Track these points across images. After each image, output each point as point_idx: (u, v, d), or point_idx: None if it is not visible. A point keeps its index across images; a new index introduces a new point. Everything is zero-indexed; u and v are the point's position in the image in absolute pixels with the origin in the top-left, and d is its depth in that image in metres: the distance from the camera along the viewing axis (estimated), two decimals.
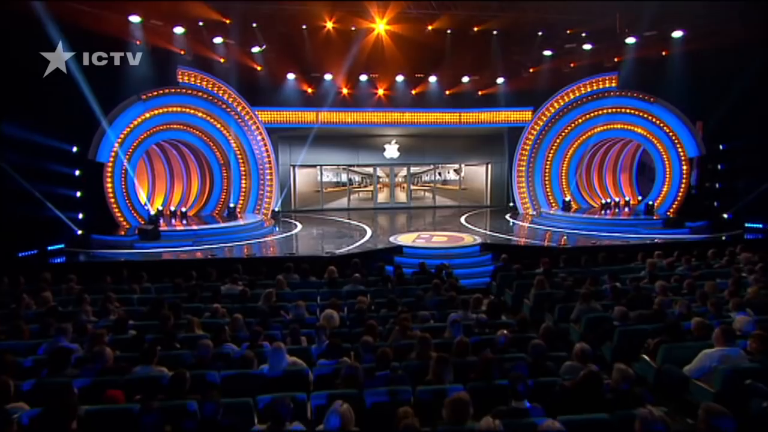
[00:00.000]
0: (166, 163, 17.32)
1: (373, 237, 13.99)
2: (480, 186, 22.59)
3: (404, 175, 22.44)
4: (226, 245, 12.79)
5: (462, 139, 21.39)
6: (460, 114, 19.85)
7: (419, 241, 12.99)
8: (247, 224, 14.94)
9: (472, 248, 12.47)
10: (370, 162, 21.50)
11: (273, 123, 18.32)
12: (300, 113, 18.68)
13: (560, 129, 18.17)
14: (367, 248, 12.25)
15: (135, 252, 11.91)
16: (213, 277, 9.25)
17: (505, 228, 16.13)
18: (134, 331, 6.05)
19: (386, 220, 19.04)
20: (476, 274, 11.48)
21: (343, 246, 12.46)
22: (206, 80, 15.78)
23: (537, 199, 18.88)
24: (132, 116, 13.86)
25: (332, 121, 18.87)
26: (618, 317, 6.13)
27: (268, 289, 7.76)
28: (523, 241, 13.48)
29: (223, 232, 13.93)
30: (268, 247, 13.17)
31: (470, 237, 13.45)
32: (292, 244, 13.16)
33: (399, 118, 19.51)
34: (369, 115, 19.25)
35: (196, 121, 15.89)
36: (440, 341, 5.57)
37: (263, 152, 17.53)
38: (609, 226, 14.77)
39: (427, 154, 21.71)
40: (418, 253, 12.21)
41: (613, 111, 16.89)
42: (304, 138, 19.13)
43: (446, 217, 19.08)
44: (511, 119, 19.79)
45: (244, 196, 17.37)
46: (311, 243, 13.37)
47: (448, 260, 11.83)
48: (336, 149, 20.73)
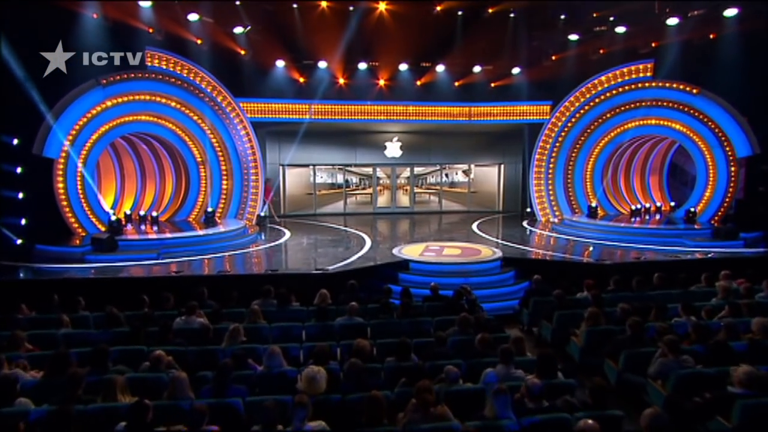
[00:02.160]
0: (136, 160, 15.49)
1: (374, 248, 12.18)
2: (491, 189, 20.91)
3: (407, 177, 20.74)
4: (199, 258, 10.96)
5: (472, 136, 19.74)
6: (470, 108, 18.12)
7: (428, 255, 11.20)
8: (227, 232, 13.12)
9: (491, 264, 10.67)
10: (369, 161, 19.84)
11: (259, 116, 16.59)
12: (290, 106, 16.97)
13: (585, 125, 16.44)
14: (367, 263, 10.45)
15: (85, 267, 10.06)
16: (170, 303, 7.42)
17: (523, 237, 14.43)
18: (25, 399, 4.22)
19: (387, 227, 17.25)
20: (497, 297, 9.74)
21: (338, 260, 10.65)
22: (180, 64, 13.96)
23: (558, 204, 17.13)
24: (89, 104, 12.04)
25: (327, 115, 17.21)
26: (742, 381, 4.28)
27: (234, 325, 5.94)
28: (550, 255, 11.68)
29: (197, 242, 12.10)
30: (249, 260, 11.34)
31: (488, 249, 11.67)
32: (277, 257, 11.32)
33: (402, 113, 17.81)
34: (368, 108, 17.56)
35: (169, 112, 14.07)
36: (480, 426, 3.75)
37: (247, 149, 15.76)
38: (646, 236, 13.01)
39: (433, 153, 20.05)
40: (427, 269, 10.44)
41: (647, 104, 15.16)
42: (295, 134, 17.44)
43: (455, 224, 17.32)
44: (528, 114, 18.09)
45: (225, 199, 15.57)
46: (300, 255, 11.54)
47: (465, 278, 10.08)
48: (331, 147, 19.09)
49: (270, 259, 11.16)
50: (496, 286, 10.11)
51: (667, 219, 15.55)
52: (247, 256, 11.63)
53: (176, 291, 7.92)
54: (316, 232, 15.16)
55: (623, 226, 14.01)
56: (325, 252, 11.89)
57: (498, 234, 14.72)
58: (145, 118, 13.71)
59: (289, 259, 10.90)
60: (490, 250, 11.54)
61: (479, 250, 11.61)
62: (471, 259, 10.75)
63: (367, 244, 12.73)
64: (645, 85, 14.97)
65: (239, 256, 11.50)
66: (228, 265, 10.52)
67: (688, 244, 12.19)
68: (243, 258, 11.41)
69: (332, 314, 7.04)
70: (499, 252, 11.31)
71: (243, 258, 11.41)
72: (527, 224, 16.56)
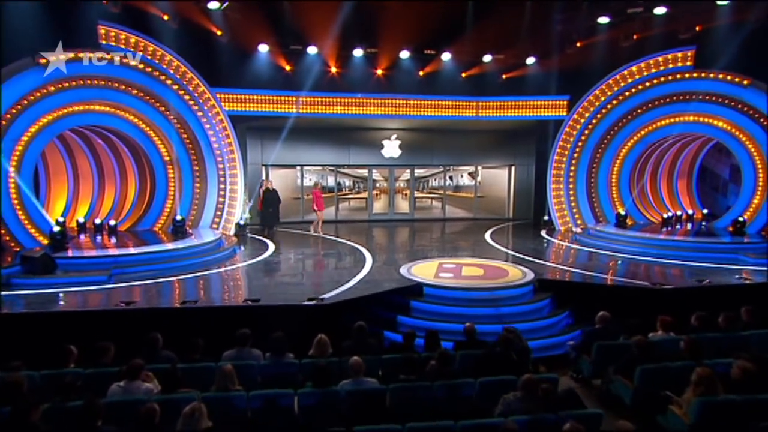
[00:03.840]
0: (92, 159, 13.43)
1: (376, 266, 10.31)
2: (500, 194, 19.31)
3: (407, 180, 18.97)
4: (162, 280, 8.97)
5: (480, 134, 18.09)
6: (478, 103, 16.45)
7: (444, 276, 9.39)
8: (199, 245, 11.13)
9: (523, 289, 8.88)
10: (364, 162, 18.11)
11: (238, 109, 14.67)
12: (275, 98, 15.04)
13: (613, 122, 14.82)
14: (371, 289, 8.57)
15: (10, 294, 7.98)
16: (110, 355, 5.46)
17: (544, 250, 12.74)
18: None
19: (385, 236, 15.41)
20: (533, 333, 7.91)
21: (334, 283, 8.74)
22: (143, 44, 11.95)
23: (580, 211, 15.49)
24: (24, 87, 9.98)
25: (317, 108, 15.38)
26: None
27: (192, 406, 4.03)
28: (588, 276, 9.91)
29: (160, 258, 10.09)
30: (225, 283, 9.37)
31: (515, 269, 9.90)
32: (259, 279, 9.36)
33: (402, 107, 16.06)
34: (364, 102, 15.77)
35: (130, 101, 12.06)
36: None
37: (225, 147, 13.80)
38: (692, 251, 11.30)
39: (436, 153, 18.34)
40: (444, 296, 8.65)
41: (685, 98, 13.54)
42: (280, 130, 15.59)
43: (462, 234, 15.59)
44: (544, 110, 16.52)
45: (197, 205, 13.58)
46: (287, 277, 9.60)
47: (495, 309, 8.31)
48: (321, 145, 17.32)
49: (250, 282, 9.20)
50: (530, 319, 8.31)
51: (707, 229, 13.99)
52: (223, 277, 9.65)
53: (122, 333, 5.99)
54: (304, 244, 13.23)
55: (663, 239, 12.32)
56: (317, 272, 9.97)
57: (511, 245, 13.01)
58: (100, 108, 11.67)
59: (274, 283, 8.96)
60: (518, 270, 9.76)
61: (506, 270, 9.82)
62: (499, 283, 8.94)
63: (368, 261, 10.84)
64: (684, 76, 13.36)
65: (213, 277, 9.52)
66: (199, 292, 8.57)
67: (747, 261, 10.54)
68: (217, 280, 9.44)
69: (335, 372, 5.15)
70: (529, 272, 9.53)
71: (217, 280, 9.44)
72: (546, 234, 14.89)
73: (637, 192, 15.07)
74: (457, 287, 8.74)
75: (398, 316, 8.33)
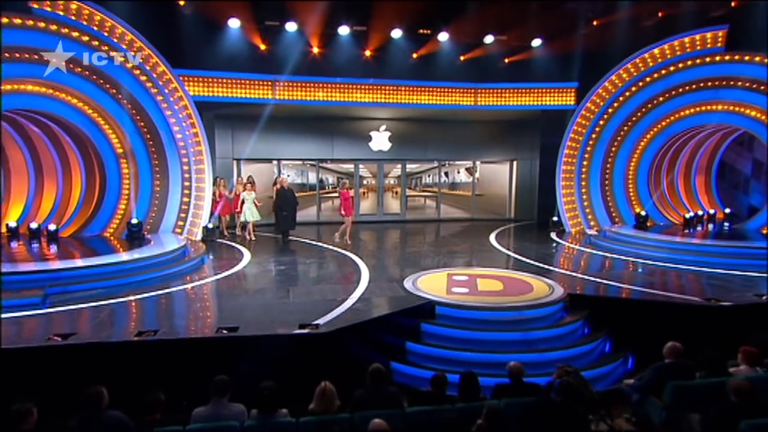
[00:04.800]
0: (27, 151, 11.87)
1: (375, 279, 9.13)
2: (501, 192, 18.48)
3: (397, 176, 17.92)
4: (112, 301, 7.58)
5: (479, 126, 17.36)
6: (478, 90, 15.62)
7: (457, 291, 8.28)
8: (159, 255, 9.71)
9: (554, 307, 7.83)
10: (349, 156, 17.15)
11: (206, 95, 13.48)
12: (248, 82, 13.94)
13: (631, 111, 13.98)
14: (374, 310, 7.39)
15: None
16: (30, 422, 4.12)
17: (559, 256, 11.76)
18: None
19: (375, 240, 14.24)
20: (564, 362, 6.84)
21: (327, 303, 7.53)
22: (88, 12, 10.45)
23: (593, 211, 14.63)
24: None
25: (296, 95, 14.37)
26: None
27: None
28: (626, 289, 8.92)
29: (111, 273, 8.67)
30: (191, 304, 8.03)
31: (538, 281, 8.86)
32: (234, 298, 8.04)
33: (393, 94, 15.16)
34: (350, 88, 14.80)
35: (73, 82, 10.57)
36: None
37: (190, 138, 12.46)
38: (732, 258, 10.42)
39: (430, 147, 17.49)
40: (461, 317, 7.56)
41: (715, 85, 12.75)
42: (254, 119, 14.54)
43: (462, 237, 14.52)
44: (550, 99, 15.85)
45: (157, 206, 12.17)
46: (268, 294, 8.30)
47: (523, 334, 7.28)
48: (301, 137, 16.32)
49: (223, 303, 7.89)
50: (565, 345, 7.28)
51: (731, 231, 13.34)
52: (189, 296, 8.31)
53: (52, 384, 4.67)
54: (283, 251, 11.94)
55: (698, 243, 11.44)
56: (305, 288, 8.73)
57: (521, 250, 11.95)
58: (34, 88, 10.15)
59: (253, 304, 7.67)
60: (542, 283, 8.72)
61: (528, 284, 8.75)
62: (525, 300, 7.86)
63: (363, 272, 9.65)
64: (715, 60, 12.56)
65: (177, 297, 8.17)
66: (161, 318, 7.23)
67: None
68: (183, 301, 8.10)
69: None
70: (557, 286, 8.50)
71: (183, 301, 8.10)
72: (556, 237, 14.01)
73: (663, 189, 14.26)
74: (475, 306, 7.62)
75: (407, 342, 7.25)
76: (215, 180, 13.27)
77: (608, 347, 7.72)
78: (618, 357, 7.30)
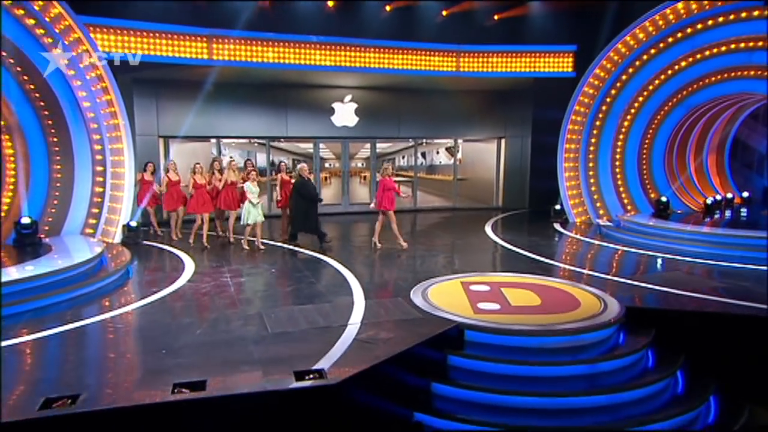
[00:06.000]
0: None
1: (369, 291, 7.34)
2: (487, 175, 17.34)
3: (366, 158, 16.28)
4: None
5: (462, 97, 16.22)
6: (460, 54, 14.53)
7: (485, 307, 6.65)
8: (64, 270, 7.41)
9: (610, 329, 6.32)
10: (307, 133, 15.56)
11: (122, 52, 11.41)
12: (177, 36, 12.27)
13: (647, 79, 12.79)
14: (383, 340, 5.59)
15: None
16: None
17: (576, 252, 10.54)
18: None
19: (346, 237, 12.39)
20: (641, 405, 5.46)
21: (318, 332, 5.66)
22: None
23: (602, 197, 13.48)
24: None
25: (241, 55, 12.90)
26: None
27: None
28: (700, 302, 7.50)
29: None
30: (117, 348, 5.85)
31: (580, 291, 7.34)
32: (183, 330, 5.93)
33: (360, 57, 13.93)
34: (308, 49, 13.42)
35: None
36: None
37: (101, 108, 10.25)
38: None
39: (405, 122, 16.18)
40: (499, 343, 5.96)
41: (748, 46, 11.67)
42: (187, 87, 12.87)
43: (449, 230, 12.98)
44: (545, 65, 14.96)
45: (59, 198, 9.91)
46: (233, 325, 6.24)
47: (585, 367, 5.80)
48: (248, 109, 14.70)
49: (168, 340, 5.75)
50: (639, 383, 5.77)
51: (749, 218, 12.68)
52: (114, 331, 6.14)
53: None
54: (235, 256, 9.86)
55: (742, 236, 10.30)
56: (282, 310, 6.74)
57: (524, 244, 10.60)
58: None
59: (216, 339, 5.62)
60: (588, 294, 7.18)
61: (570, 294, 7.21)
62: (577, 319, 6.28)
63: (351, 281, 7.82)
64: (752, 15, 11.44)
65: (93, 333, 5.97)
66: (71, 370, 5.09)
67: None
68: (103, 340, 5.93)
69: None
70: (608, 297, 6.99)
71: (103, 340, 5.93)
72: (561, 227, 12.90)
73: (690, 172, 13.24)
74: (518, 330, 5.99)
75: (432, 383, 5.61)
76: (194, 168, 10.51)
77: (682, 384, 6.29)
78: (700, 401, 5.83)
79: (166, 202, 11.12)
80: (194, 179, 10.17)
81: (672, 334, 6.46)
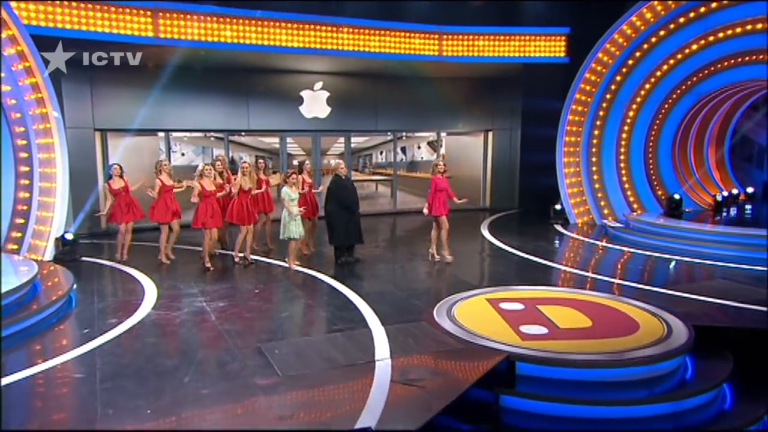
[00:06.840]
0: None
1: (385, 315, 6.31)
2: (473, 173, 16.69)
3: (339, 154, 15.63)
4: None
5: (445, 84, 15.50)
6: (442, 36, 13.97)
7: (530, 332, 5.74)
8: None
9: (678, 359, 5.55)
10: (273, 126, 14.64)
11: (49, 26, 10.34)
12: (118, 11, 11.09)
13: (655, 65, 12.33)
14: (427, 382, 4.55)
15: None
16: None
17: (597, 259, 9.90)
18: None
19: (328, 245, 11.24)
20: None
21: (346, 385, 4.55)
22: None
23: (606, 195, 13.00)
24: None
25: (194, 34, 11.84)
26: None
27: None
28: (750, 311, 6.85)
29: None
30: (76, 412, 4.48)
31: (634, 308, 6.52)
32: (164, 380, 4.65)
33: (331, 38, 13.13)
34: (273, 26, 12.55)
35: None
36: None
37: (25, 95, 8.85)
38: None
39: (382, 114, 15.41)
40: (558, 376, 5.22)
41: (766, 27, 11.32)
42: (129, 71, 11.25)
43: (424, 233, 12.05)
44: (535, 49, 14.49)
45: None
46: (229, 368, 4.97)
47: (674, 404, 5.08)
48: (203, 98, 13.50)
49: (144, 396, 4.47)
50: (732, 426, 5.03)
51: None
52: (70, 385, 4.76)
53: None
54: (202, 274, 8.51)
55: None
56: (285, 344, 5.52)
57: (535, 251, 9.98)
58: None
59: (200, 395, 4.38)
60: (646, 314, 6.35)
61: (623, 313, 6.38)
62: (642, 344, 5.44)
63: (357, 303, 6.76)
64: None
65: (19, 396, 4.59)
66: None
67: None
68: (54, 398, 4.56)
69: None
70: (670, 317, 6.19)
71: (54, 398, 4.56)
72: (563, 229, 12.51)
73: (707, 167, 12.84)
74: (582, 361, 5.13)
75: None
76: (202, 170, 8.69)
77: None
78: None
79: (157, 212, 9.06)
80: (202, 184, 8.53)
81: (753, 357, 5.75)
